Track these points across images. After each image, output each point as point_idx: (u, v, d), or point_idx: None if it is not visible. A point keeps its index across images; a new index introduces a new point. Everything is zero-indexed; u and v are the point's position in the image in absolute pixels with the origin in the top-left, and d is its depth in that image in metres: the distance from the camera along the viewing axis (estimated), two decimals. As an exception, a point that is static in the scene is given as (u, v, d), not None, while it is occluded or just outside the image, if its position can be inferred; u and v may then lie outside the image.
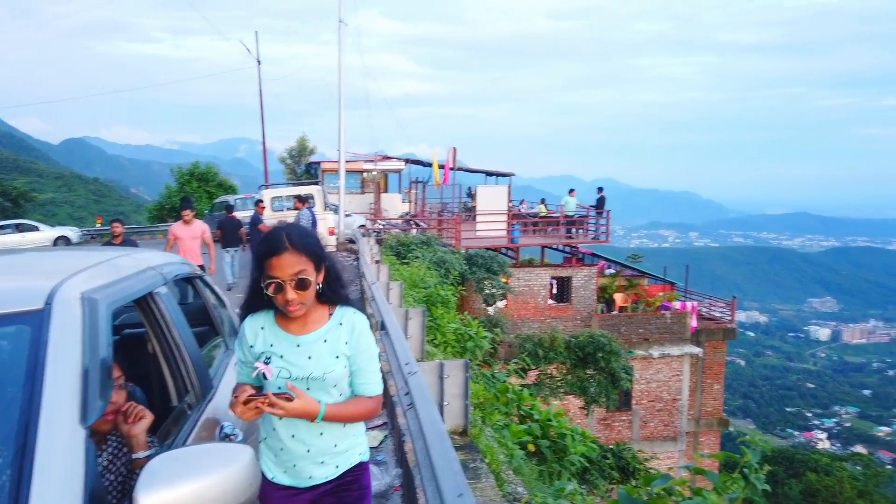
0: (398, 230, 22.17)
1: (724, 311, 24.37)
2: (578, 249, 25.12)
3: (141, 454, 1.87)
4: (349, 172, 26.29)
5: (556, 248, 25.60)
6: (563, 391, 18.51)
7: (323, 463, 2.10)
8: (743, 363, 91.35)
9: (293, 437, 2.07)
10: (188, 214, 9.65)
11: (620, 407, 21.24)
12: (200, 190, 31.90)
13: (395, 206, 28.85)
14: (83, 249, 2.62)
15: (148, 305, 2.18)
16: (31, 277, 1.93)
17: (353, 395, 2.14)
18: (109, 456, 1.96)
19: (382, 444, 5.10)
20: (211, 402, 2.34)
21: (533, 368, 18.15)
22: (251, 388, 1.97)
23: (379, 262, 13.06)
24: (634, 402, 21.43)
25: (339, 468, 2.12)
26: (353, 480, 2.16)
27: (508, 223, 23.79)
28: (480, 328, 10.53)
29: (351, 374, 2.10)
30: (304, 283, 1.97)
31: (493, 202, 24.90)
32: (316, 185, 22.42)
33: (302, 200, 15.08)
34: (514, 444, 5.60)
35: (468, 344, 9.74)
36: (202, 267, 9.64)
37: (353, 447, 2.16)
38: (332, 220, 18.96)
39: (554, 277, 22.56)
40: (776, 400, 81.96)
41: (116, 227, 9.23)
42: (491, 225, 23.72)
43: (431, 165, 26.74)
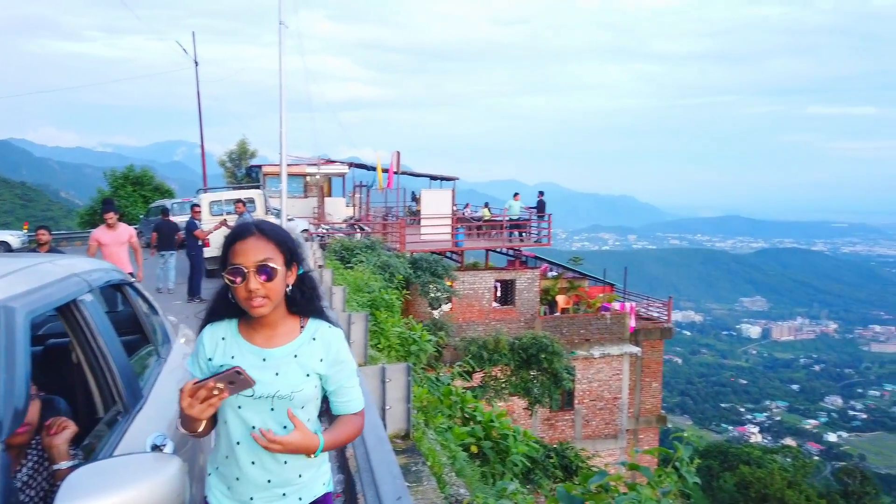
0: (342, 234, 22.00)
1: (660, 311, 25.16)
2: (522, 253, 25.52)
3: (63, 465, 1.80)
4: (292, 176, 25.91)
5: (499, 251, 25.90)
6: (507, 392, 18.75)
7: (284, 495, 1.85)
8: (680, 361, 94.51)
9: (253, 463, 1.81)
10: (111, 217, 8.92)
11: (563, 407, 21.63)
12: (135, 194, 30.81)
13: (338, 210, 28.59)
14: (3, 256, 2.50)
15: (72, 314, 2.10)
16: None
17: (323, 416, 1.94)
18: (29, 471, 1.88)
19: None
20: (140, 412, 2.27)
21: (478, 371, 18.30)
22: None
23: (322, 266, 12.93)
24: (577, 401, 21.85)
25: (301, 500, 1.88)
26: None
27: (453, 227, 23.94)
28: (425, 332, 10.55)
29: (330, 393, 1.91)
30: (269, 271, 1.73)
31: (437, 206, 25.01)
32: (257, 188, 22.01)
33: (242, 204, 14.75)
34: (457, 446, 5.63)
35: (412, 347, 9.75)
36: (131, 274, 9.20)
37: (317, 477, 1.93)
38: (273, 224, 18.61)
39: (498, 280, 22.81)
40: (711, 396, 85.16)
41: (42, 234, 8.66)
42: (435, 229, 23.83)
43: (376, 169, 26.62)
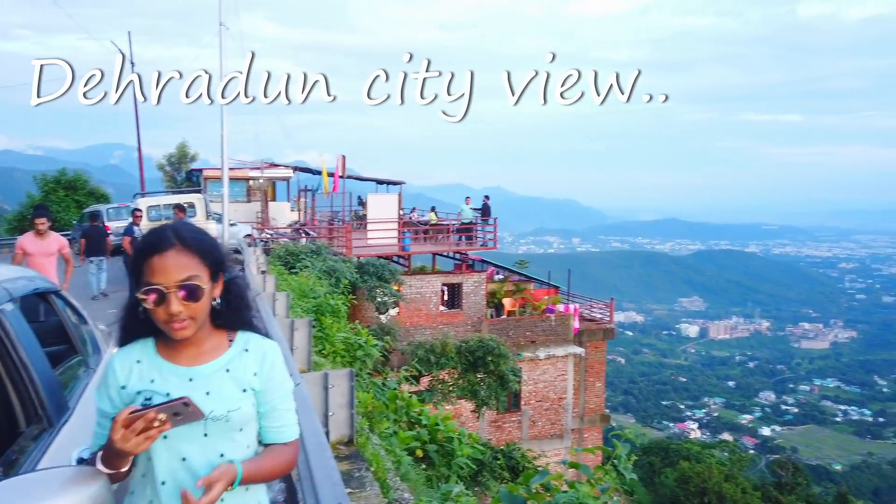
0: (287, 239, 21.66)
1: (603, 312, 25.73)
2: (468, 256, 25.68)
3: None
4: (234, 180, 25.39)
5: (446, 255, 26.00)
6: (454, 396, 18.83)
7: None
8: (623, 361, 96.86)
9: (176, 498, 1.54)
10: (43, 224, 8.10)
11: (510, 408, 21.85)
12: (68, 199, 29.48)
13: (283, 214, 28.17)
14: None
15: (-9, 324, 2.01)
16: None
17: (261, 443, 1.68)
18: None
19: None
20: (66, 425, 2.19)
21: (425, 375, 18.32)
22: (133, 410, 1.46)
23: (265, 272, 12.71)
24: (523, 402, 22.12)
25: None
26: None
27: (399, 231, 23.91)
28: (371, 337, 10.50)
29: (261, 416, 1.65)
30: (194, 291, 1.50)
31: (384, 210, 24.93)
32: (198, 193, 21.47)
33: (182, 210, 14.35)
34: (402, 450, 5.63)
35: (358, 353, 9.68)
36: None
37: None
38: (214, 229, 18.21)
39: (445, 284, 22.90)
40: (653, 394, 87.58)
41: None
42: (382, 233, 23.75)
43: (321, 173, 26.33)
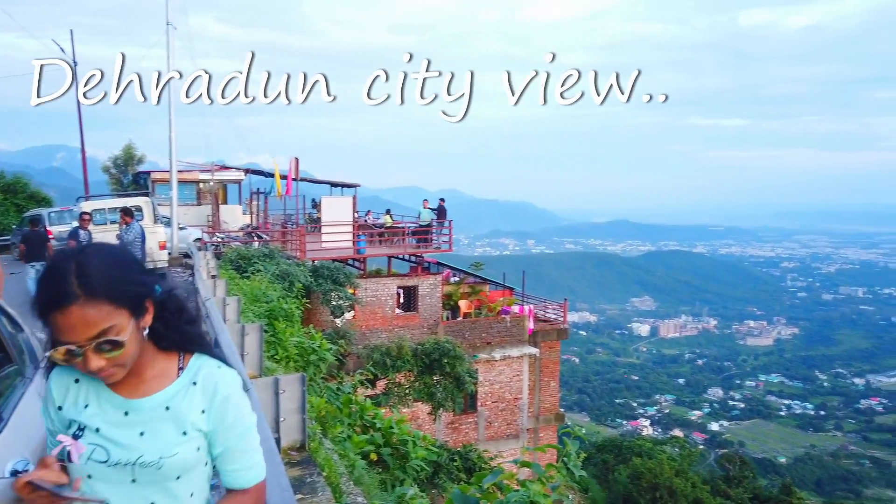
0: (239, 243, 21.28)
1: (557, 312, 26.10)
2: (424, 259, 25.69)
3: None
4: (184, 183, 24.81)
5: (402, 258, 25.95)
6: (411, 398, 18.83)
7: None
8: (577, 360, 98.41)
9: None
10: None
11: (466, 410, 21.96)
12: (7, 203, 28.30)
13: (235, 217, 27.63)
14: None
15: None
16: None
17: (214, 487, 1.54)
18: None
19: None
20: None
21: (381, 378, 18.25)
22: (52, 463, 1.36)
23: (216, 276, 12.45)
24: (479, 403, 22.24)
25: None
26: None
27: (354, 234, 23.76)
28: (324, 340, 10.39)
29: (216, 458, 1.49)
30: (112, 344, 1.34)
31: (338, 213, 24.70)
32: (145, 196, 20.89)
33: (129, 213, 13.88)
34: (356, 454, 5.60)
35: (311, 357, 9.57)
36: None
37: None
38: (163, 233, 17.72)
39: (401, 287, 22.85)
40: (607, 393, 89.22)
41: None
42: (337, 236, 23.54)
43: (274, 176, 25.95)
